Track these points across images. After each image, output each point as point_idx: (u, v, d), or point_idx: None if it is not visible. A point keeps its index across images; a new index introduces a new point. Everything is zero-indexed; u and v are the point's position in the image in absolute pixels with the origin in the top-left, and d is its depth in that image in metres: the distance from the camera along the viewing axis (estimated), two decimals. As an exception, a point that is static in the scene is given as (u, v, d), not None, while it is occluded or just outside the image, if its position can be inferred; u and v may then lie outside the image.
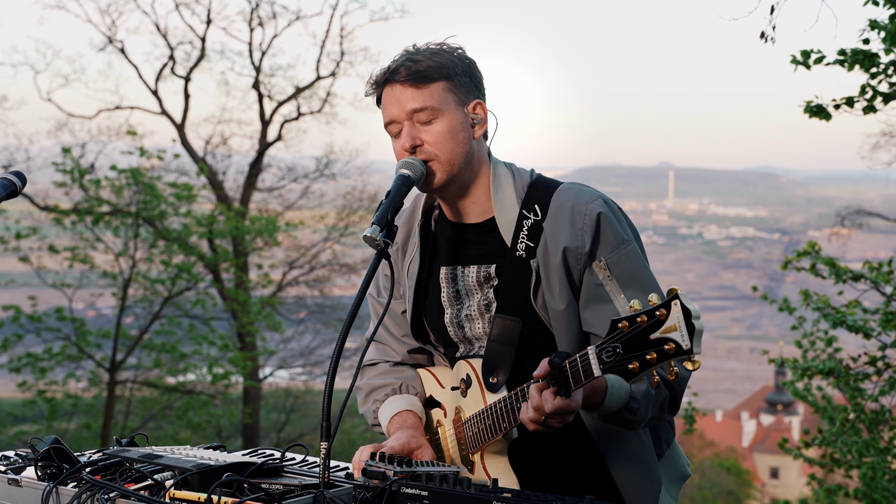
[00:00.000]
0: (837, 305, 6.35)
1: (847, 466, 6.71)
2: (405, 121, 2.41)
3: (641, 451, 2.45)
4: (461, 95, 2.43)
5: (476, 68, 2.49)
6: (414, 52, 2.45)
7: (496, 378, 2.45)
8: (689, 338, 1.86)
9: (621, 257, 2.37)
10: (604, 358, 2.00)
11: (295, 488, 2.08)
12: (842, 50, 5.27)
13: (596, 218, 2.37)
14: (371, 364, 2.76)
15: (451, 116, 2.41)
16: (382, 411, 2.64)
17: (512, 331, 2.44)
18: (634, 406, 2.28)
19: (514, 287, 2.44)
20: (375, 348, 2.77)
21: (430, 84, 2.40)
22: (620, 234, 2.39)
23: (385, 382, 2.68)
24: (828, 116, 5.38)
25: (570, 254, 2.37)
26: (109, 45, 19.92)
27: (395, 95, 2.42)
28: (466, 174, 2.46)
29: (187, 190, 17.13)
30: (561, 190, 2.45)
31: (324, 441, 2.11)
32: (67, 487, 2.19)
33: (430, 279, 2.60)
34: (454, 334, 2.57)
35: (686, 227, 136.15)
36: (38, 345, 16.72)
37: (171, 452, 2.31)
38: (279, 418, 21.44)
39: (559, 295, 2.38)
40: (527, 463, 2.47)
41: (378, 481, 2.12)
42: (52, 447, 2.28)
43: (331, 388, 2.15)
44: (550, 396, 2.12)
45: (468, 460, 2.51)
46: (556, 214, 2.40)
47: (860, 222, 16.35)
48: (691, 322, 1.86)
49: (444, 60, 2.42)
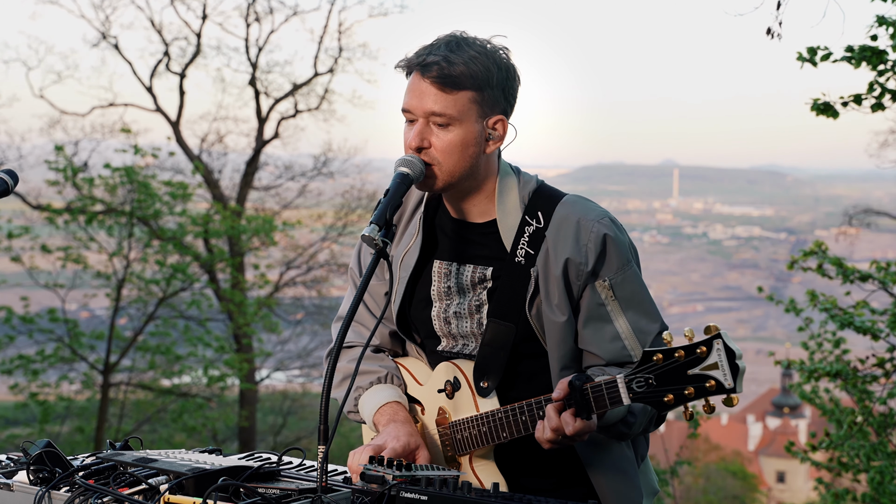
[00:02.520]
0: (845, 306, 6.35)
1: (855, 470, 6.69)
2: (420, 118, 2.39)
3: (623, 462, 2.48)
4: (486, 108, 2.40)
5: (513, 78, 2.43)
6: (455, 46, 2.38)
7: (487, 383, 2.47)
8: (731, 377, 1.98)
9: (625, 279, 2.40)
10: (634, 387, 2.08)
11: (292, 493, 2.08)
12: (849, 46, 5.27)
13: (602, 238, 2.39)
14: (348, 346, 2.71)
15: (467, 128, 2.39)
16: (365, 400, 2.59)
17: (505, 336, 2.45)
18: (631, 420, 2.34)
19: (510, 293, 2.45)
20: (353, 330, 2.72)
21: (458, 91, 2.36)
22: (625, 255, 2.41)
23: (369, 369, 2.63)
24: (835, 114, 5.38)
25: (571, 266, 2.39)
26: (103, 40, 19.92)
27: (420, 89, 2.38)
28: (467, 183, 2.46)
29: (182, 189, 17.12)
30: (566, 201, 2.46)
31: (321, 444, 2.11)
32: (60, 492, 2.19)
33: (422, 272, 2.60)
34: (439, 329, 2.57)
35: (691, 227, 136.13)
36: (30, 346, 16.72)
37: (165, 456, 2.31)
38: (276, 421, 21.44)
39: (558, 307, 2.40)
40: (513, 466, 2.49)
41: (377, 485, 2.11)
42: (45, 451, 2.28)
43: (328, 390, 2.15)
44: (571, 419, 2.18)
45: (454, 461, 2.53)
46: (559, 225, 2.41)
47: (868, 222, 16.37)
48: (735, 362, 1.98)
49: (481, 69, 2.36)
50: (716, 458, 36.84)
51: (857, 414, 6.49)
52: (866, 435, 6.48)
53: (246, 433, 18.70)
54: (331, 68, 20.61)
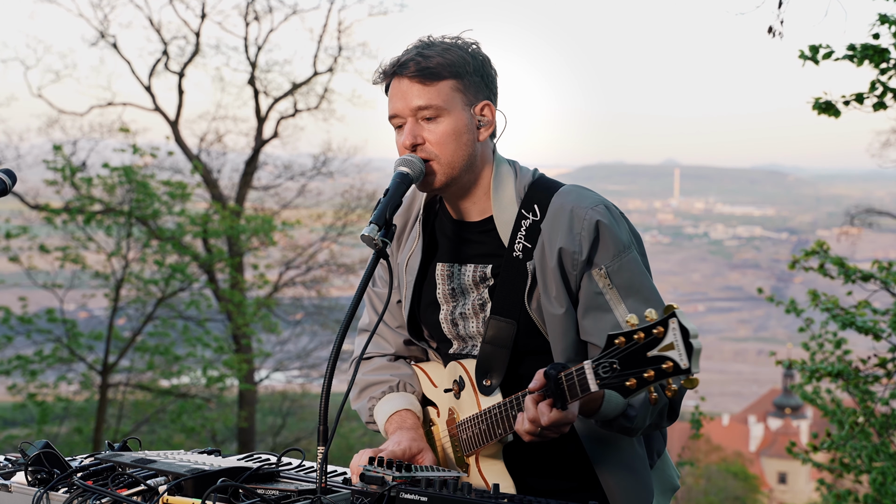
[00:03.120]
0: (846, 306, 6.35)
1: (857, 471, 6.70)
2: (409, 117, 2.40)
3: (633, 460, 2.45)
4: (470, 95, 2.42)
5: (489, 66, 2.47)
6: (426, 45, 2.43)
7: (490, 381, 2.46)
8: (687, 357, 1.88)
9: (622, 265, 2.36)
10: (601, 373, 2.01)
11: (292, 494, 2.08)
12: (851, 45, 5.27)
13: (595, 224, 2.35)
14: (366, 358, 2.74)
15: (456, 117, 2.40)
16: (379, 409, 2.62)
17: (506, 333, 2.44)
18: (632, 414, 2.29)
19: (510, 289, 2.44)
20: (373, 342, 2.75)
21: (439, 82, 2.38)
22: (621, 241, 2.37)
23: (382, 379, 2.66)
24: (837, 113, 5.38)
25: (565, 256, 2.36)
26: (102, 39, 19.92)
27: (402, 90, 2.41)
28: (467, 176, 2.45)
29: (181, 188, 17.12)
30: (562, 191, 2.43)
31: (321, 445, 2.11)
32: (58, 493, 2.19)
33: (427, 275, 2.61)
34: (448, 331, 2.57)
35: (692, 227, 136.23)
36: (28, 347, 16.72)
37: (164, 457, 2.31)
38: (275, 422, 21.45)
39: (556, 299, 2.37)
40: (522, 466, 2.48)
41: (377, 486, 2.11)
42: (43, 452, 2.28)
43: (328, 391, 2.15)
44: (546, 409, 2.13)
45: (462, 462, 2.52)
46: (554, 216, 2.39)
47: (870, 221, 16.34)
48: (689, 341, 1.88)
49: (456, 58, 2.40)
50: (717, 458, 36.84)
51: (859, 414, 6.50)
52: (868, 436, 6.48)
53: (245, 434, 18.70)
54: (330, 67, 20.63)
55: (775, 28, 5.28)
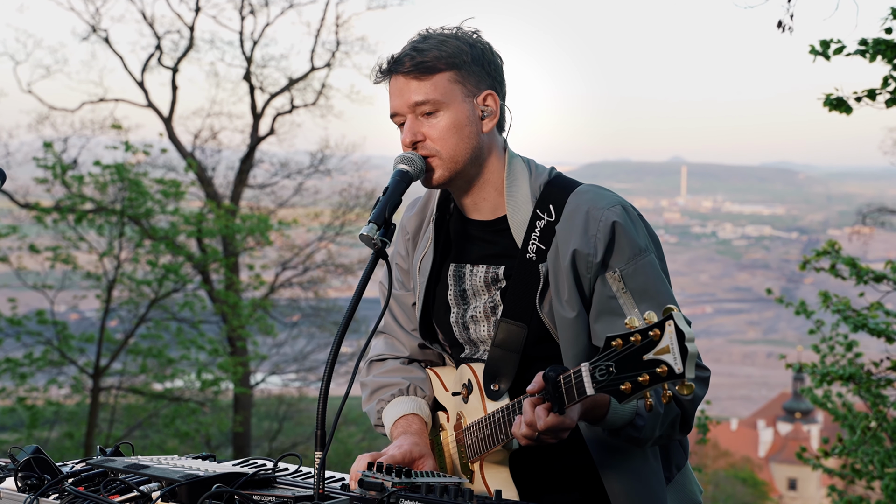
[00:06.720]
0: (858, 308, 6.34)
1: (868, 477, 6.70)
2: (408, 114, 2.41)
3: (645, 472, 2.41)
4: (470, 86, 2.41)
5: (491, 54, 2.45)
6: (422, 38, 2.43)
7: (498, 385, 2.44)
8: (681, 361, 1.85)
9: (637, 269, 2.33)
10: (597, 376, 1.98)
11: (288, 500, 2.08)
12: (863, 39, 5.26)
13: (611, 226, 2.32)
14: (379, 359, 2.74)
15: (456, 109, 2.40)
16: (387, 412, 2.62)
17: (517, 337, 2.42)
18: (640, 423, 2.25)
19: (522, 291, 2.42)
20: (384, 342, 2.75)
21: (435, 75, 2.38)
22: (637, 243, 2.34)
23: (392, 381, 2.66)
24: (848, 110, 5.37)
25: (579, 258, 2.34)
26: (93, 34, 19.94)
27: (399, 87, 2.41)
28: (472, 170, 2.44)
29: (175, 186, 17.14)
30: (579, 191, 2.41)
31: (318, 450, 2.11)
32: (49, 499, 2.20)
33: (441, 276, 2.60)
34: (459, 335, 2.57)
35: (699, 226, 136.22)
36: (17, 349, 16.74)
37: (157, 462, 2.32)
38: (271, 427, 21.46)
39: (568, 302, 2.35)
40: (527, 475, 2.46)
41: (375, 493, 2.11)
42: (33, 457, 2.28)
43: (325, 394, 2.15)
44: (543, 413, 2.11)
45: (468, 469, 2.52)
46: (570, 216, 2.37)
47: (882, 220, 16.35)
48: (684, 345, 1.85)
49: (453, 49, 2.40)
50: (725, 464, 36.84)
51: (871, 419, 6.49)
52: (880, 441, 6.48)
53: (240, 439, 18.72)
54: (328, 62, 20.64)
55: (785, 23, 5.27)
